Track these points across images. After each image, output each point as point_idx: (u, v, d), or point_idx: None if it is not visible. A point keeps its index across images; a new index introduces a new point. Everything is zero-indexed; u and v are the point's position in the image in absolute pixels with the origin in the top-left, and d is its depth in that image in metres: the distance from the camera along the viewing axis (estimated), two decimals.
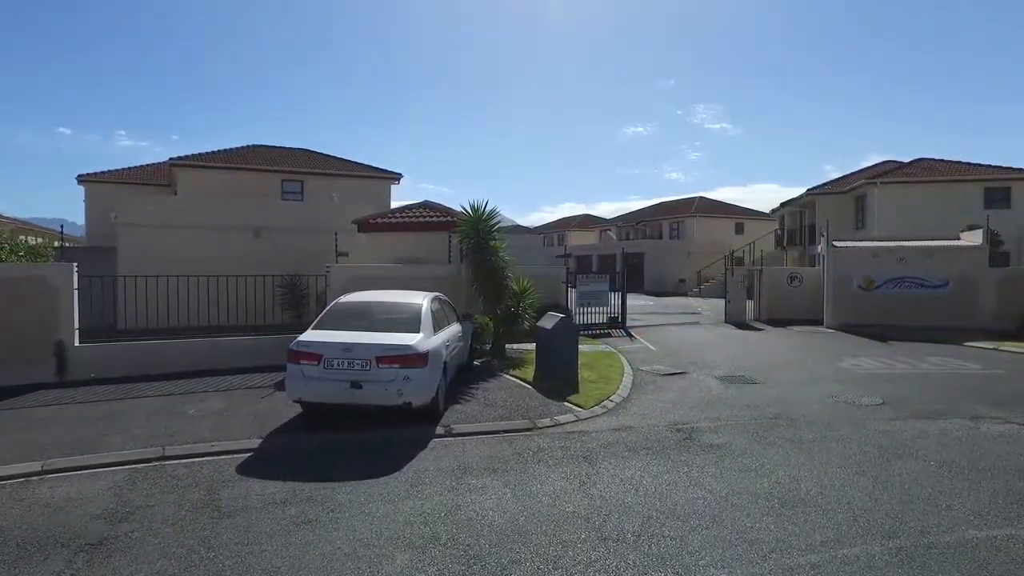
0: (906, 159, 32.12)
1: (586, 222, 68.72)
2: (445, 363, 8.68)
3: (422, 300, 9.00)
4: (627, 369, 12.03)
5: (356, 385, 7.58)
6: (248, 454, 7.12)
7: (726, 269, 22.58)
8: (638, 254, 41.11)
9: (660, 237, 50.57)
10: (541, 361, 11.16)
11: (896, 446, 7.21)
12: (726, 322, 21.16)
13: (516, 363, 12.17)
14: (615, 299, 19.25)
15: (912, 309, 18.64)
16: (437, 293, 10.11)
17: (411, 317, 8.51)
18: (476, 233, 12.92)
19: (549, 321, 11.07)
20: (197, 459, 6.89)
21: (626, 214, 62.54)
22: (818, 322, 20.02)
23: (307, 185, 28.85)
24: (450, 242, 13.62)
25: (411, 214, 14.77)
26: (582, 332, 17.15)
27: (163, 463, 6.76)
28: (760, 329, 19.36)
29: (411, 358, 7.66)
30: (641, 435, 7.79)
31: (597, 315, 18.75)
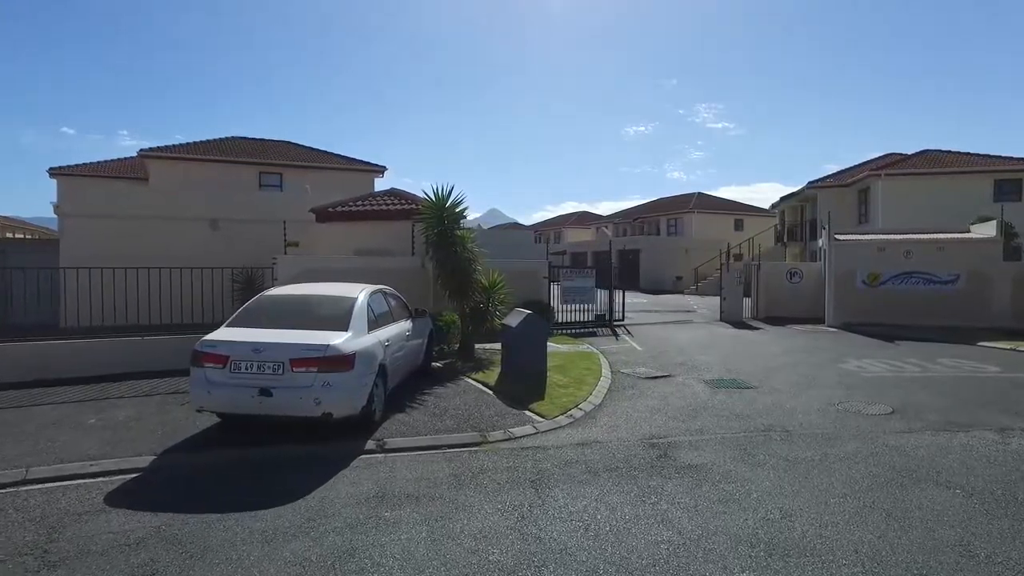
0: (910, 152, 30.80)
1: (583, 219, 67.53)
2: (383, 366, 7.46)
3: (358, 294, 7.78)
4: (605, 372, 10.79)
5: (265, 392, 6.36)
6: (132, 475, 5.93)
7: (721, 265, 21.33)
8: (634, 251, 39.83)
9: (658, 234, 49.32)
10: (506, 363, 9.97)
11: (912, 467, 5.96)
12: (721, 320, 19.92)
13: (483, 365, 10.95)
14: (602, 296, 18.04)
15: (920, 306, 17.38)
16: (381, 286, 8.88)
17: (340, 313, 7.28)
18: (440, 221, 11.68)
19: (515, 318, 9.86)
20: (65, 483, 5.68)
21: (623, 211, 61.24)
22: (819, 320, 18.78)
23: (286, 178, 27.67)
24: (413, 232, 12.39)
25: (371, 202, 13.55)
26: (564, 331, 16.03)
27: (18, 489, 5.55)
28: (757, 328, 18.11)
29: (332, 360, 6.44)
30: (607, 452, 6.56)
31: (583, 313, 17.51)
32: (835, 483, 5.56)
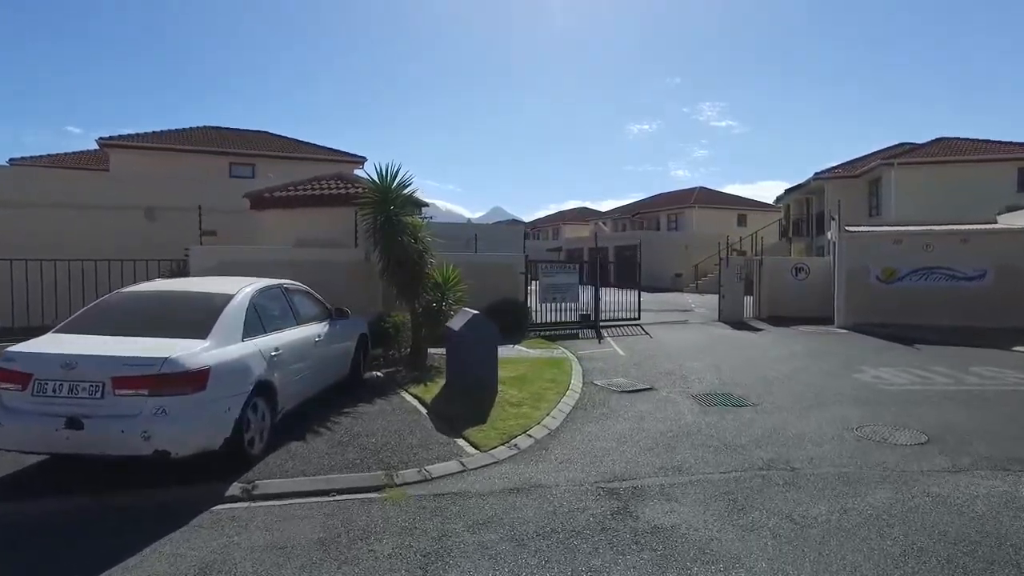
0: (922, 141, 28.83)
1: (582, 215, 65.72)
2: (268, 383, 5.75)
3: (236, 290, 6.05)
4: (575, 383, 9.05)
5: (75, 423, 4.64)
6: None
7: (720, 260, 19.55)
8: (631, 246, 37.94)
9: (658, 229, 47.48)
10: (450, 374, 8.24)
11: (974, 536, 4.19)
12: (720, 320, 18.15)
13: (430, 375, 9.20)
14: (588, 294, 16.33)
15: (942, 305, 15.53)
16: (283, 281, 7.18)
17: (205, 315, 5.55)
18: (385, 206, 9.96)
19: (460, 319, 8.13)
20: None
21: (623, 206, 59.41)
22: (828, 321, 16.98)
23: (260, 169, 26.08)
24: (356, 219, 10.68)
25: (312, 186, 11.84)
26: (542, 333, 14.34)
27: None
28: (759, 329, 16.33)
29: (171, 379, 4.73)
30: (547, 504, 4.82)
31: (566, 312, 15.79)
32: (864, 565, 3.80)
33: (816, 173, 29.71)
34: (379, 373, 9.51)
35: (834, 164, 31.12)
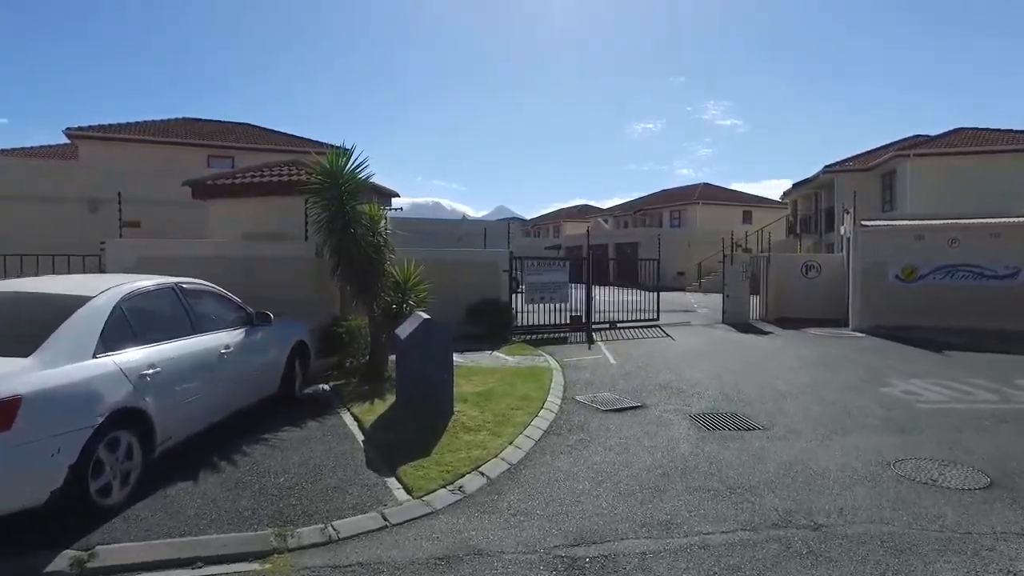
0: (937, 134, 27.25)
1: (583, 213, 64.24)
2: (137, 410, 4.43)
3: (98, 291, 4.71)
4: (552, 400, 7.68)
5: None
6: None
7: (724, 256, 18.15)
8: (631, 244, 36.61)
9: (660, 226, 46.04)
10: (400, 390, 6.90)
11: None
12: (724, 323, 16.79)
13: (384, 389, 7.83)
14: (579, 293, 14.98)
15: (970, 306, 14.10)
16: (180, 279, 5.82)
17: (41, 324, 4.22)
18: (336, 192, 8.63)
19: (410, 325, 6.79)
20: None
21: (624, 203, 57.97)
22: (841, 323, 15.61)
23: (239, 161, 24.81)
24: (306, 209, 9.33)
25: (262, 173, 10.50)
26: (527, 336, 13.02)
27: None
28: (766, 332, 14.93)
29: None
30: None
31: (559, 314, 14.46)
32: None
33: (826, 166, 28.22)
34: (326, 386, 8.18)
35: (844, 157, 29.60)
